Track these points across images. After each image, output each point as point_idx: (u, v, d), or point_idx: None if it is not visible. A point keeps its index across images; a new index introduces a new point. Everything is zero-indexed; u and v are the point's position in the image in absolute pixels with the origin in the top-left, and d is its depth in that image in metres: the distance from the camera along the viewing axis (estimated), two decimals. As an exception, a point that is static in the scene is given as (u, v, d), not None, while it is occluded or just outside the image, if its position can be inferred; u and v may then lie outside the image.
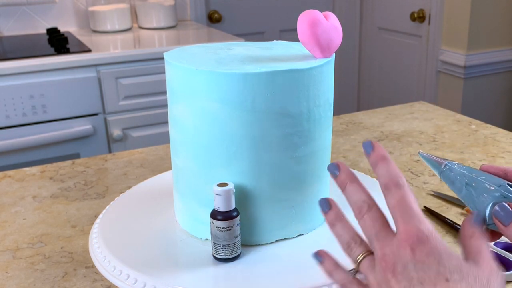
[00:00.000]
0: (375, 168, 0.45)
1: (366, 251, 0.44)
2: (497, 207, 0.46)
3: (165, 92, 0.68)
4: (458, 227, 0.78)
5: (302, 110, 0.60)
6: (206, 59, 0.62)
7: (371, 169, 1.03)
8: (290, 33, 2.73)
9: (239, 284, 0.57)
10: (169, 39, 2.13)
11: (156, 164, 1.04)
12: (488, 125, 1.22)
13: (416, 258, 0.40)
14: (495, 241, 0.50)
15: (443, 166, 0.53)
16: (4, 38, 2.10)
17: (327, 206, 0.46)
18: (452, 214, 0.84)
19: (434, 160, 0.55)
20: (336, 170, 0.46)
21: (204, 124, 0.59)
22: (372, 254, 0.44)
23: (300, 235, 0.64)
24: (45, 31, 2.11)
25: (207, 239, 0.63)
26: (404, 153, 1.08)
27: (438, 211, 0.84)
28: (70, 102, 1.78)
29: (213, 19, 2.60)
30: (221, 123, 0.58)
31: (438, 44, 2.42)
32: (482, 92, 2.36)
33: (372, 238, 0.43)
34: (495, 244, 0.72)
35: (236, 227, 0.59)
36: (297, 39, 0.64)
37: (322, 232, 0.66)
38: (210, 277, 0.59)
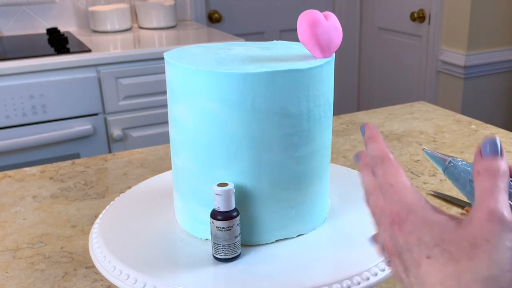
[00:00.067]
0: (366, 150, 0.45)
1: None
2: None
3: (165, 92, 0.68)
4: (458, 227, 0.78)
5: (302, 110, 0.60)
6: (206, 59, 0.62)
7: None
8: (290, 33, 2.73)
9: (239, 284, 0.57)
10: (169, 39, 2.13)
11: (156, 164, 1.04)
12: (488, 125, 1.22)
13: (403, 239, 0.38)
14: None
15: (447, 163, 0.54)
16: (4, 38, 2.10)
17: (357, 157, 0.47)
18: (452, 214, 0.84)
19: (438, 156, 0.55)
20: (363, 130, 0.46)
21: (204, 124, 0.59)
22: None
23: (300, 235, 0.64)
24: (45, 31, 2.11)
25: (207, 239, 0.63)
26: (404, 153, 1.07)
27: (438, 211, 0.84)
28: (70, 102, 1.78)
29: (213, 19, 2.60)
30: (221, 123, 0.58)
31: (438, 44, 2.42)
32: (482, 92, 2.37)
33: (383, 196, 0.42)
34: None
35: (236, 227, 0.59)
36: (297, 39, 0.64)
37: (322, 232, 0.66)
38: (210, 277, 0.59)
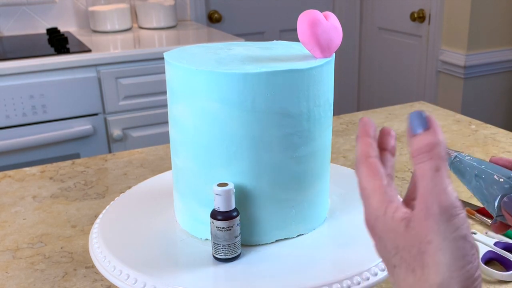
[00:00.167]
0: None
1: None
2: (506, 199, 0.46)
3: (165, 92, 0.68)
4: (458, 227, 0.78)
5: (302, 110, 0.60)
6: (206, 59, 0.62)
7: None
8: (290, 33, 2.73)
9: (239, 284, 0.57)
10: (169, 39, 2.13)
11: (156, 164, 1.04)
12: (488, 125, 1.22)
13: (376, 247, 0.38)
14: (504, 232, 0.50)
15: (453, 158, 0.54)
16: (4, 38, 2.10)
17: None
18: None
19: None
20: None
21: (204, 124, 0.59)
22: None
23: (300, 235, 0.64)
24: (45, 31, 2.11)
25: (207, 239, 0.63)
26: (404, 153, 1.08)
27: (438, 211, 0.83)
28: (70, 102, 1.78)
29: (213, 19, 2.60)
30: (221, 123, 0.58)
31: (438, 44, 2.42)
32: (482, 92, 2.37)
33: None
34: (495, 244, 0.72)
35: (236, 227, 0.59)
36: (297, 39, 0.64)
37: (322, 232, 0.66)
38: (210, 277, 0.59)
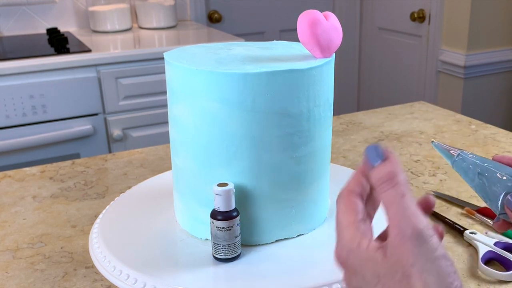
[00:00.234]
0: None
1: None
2: (509, 197, 0.46)
3: (165, 92, 0.68)
4: (458, 227, 0.78)
5: (302, 110, 0.60)
6: (206, 59, 0.62)
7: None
8: (290, 33, 2.73)
9: (239, 284, 0.57)
10: (169, 39, 2.13)
11: (156, 164, 1.04)
12: (488, 125, 1.22)
13: (352, 281, 0.38)
14: (506, 230, 0.50)
15: (456, 156, 0.54)
16: (4, 38, 2.10)
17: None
18: (452, 214, 0.84)
19: (447, 149, 0.55)
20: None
21: (204, 124, 0.59)
22: None
23: (300, 235, 0.64)
24: (45, 31, 2.11)
25: (207, 239, 0.63)
26: (404, 153, 1.07)
27: (438, 211, 0.84)
28: (70, 102, 1.78)
29: (213, 19, 2.60)
30: (221, 123, 0.58)
31: (438, 44, 2.42)
32: (482, 92, 2.36)
33: None
34: (495, 244, 0.72)
35: (236, 227, 0.59)
36: (297, 39, 0.64)
37: (322, 232, 0.66)
38: (210, 277, 0.59)
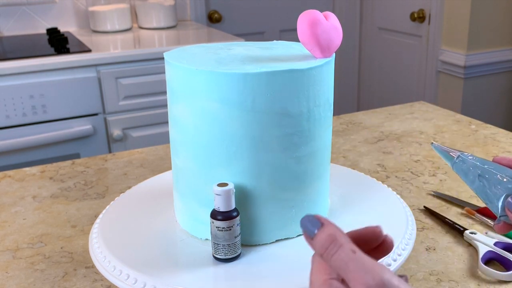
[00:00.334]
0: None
1: None
2: (510, 199, 0.46)
3: (165, 92, 0.68)
4: (458, 227, 0.78)
5: (302, 110, 0.60)
6: (206, 59, 0.62)
7: (371, 169, 1.03)
8: (290, 33, 2.73)
9: (239, 284, 0.57)
10: (169, 39, 2.13)
11: (156, 164, 1.04)
12: (488, 125, 1.22)
13: None
14: (507, 232, 0.49)
15: (456, 158, 0.53)
16: (4, 38, 2.10)
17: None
18: (452, 214, 0.84)
19: (447, 151, 0.55)
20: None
21: (204, 124, 0.59)
22: None
23: (300, 235, 0.64)
24: (45, 31, 2.11)
25: (207, 239, 0.63)
26: (404, 153, 1.07)
27: (438, 211, 0.84)
28: (70, 102, 1.78)
29: (213, 19, 2.60)
30: (221, 123, 0.58)
31: (438, 44, 2.42)
32: (482, 92, 2.36)
33: None
34: (495, 244, 0.72)
35: (236, 227, 0.59)
36: (297, 39, 0.64)
37: (322, 232, 0.66)
38: (210, 277, 0.59)
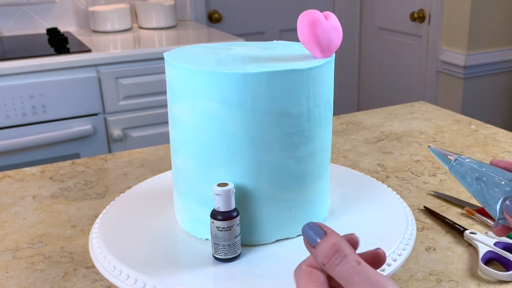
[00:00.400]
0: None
1: None
2: (508, 202, 0.45)
3: (165, 92, 0.68)
4: (458, 227, 0.78)
5: (302, 110, 0.60)
6: (206, 59, 0.62)
7: (371, 169, 1.03)
8: (290, 33, 2.73)
9: (239, 284, 0.57)
10: (169, 39, 2.13)
11: (156, 164, 1.04)
12: (488, 125, 1.22)
13: None
14: (506, 235, 0.49)
15: (453, 161, 0.53)
16: (4, 38, 2.10)
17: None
18: (452, 214, 0.84)
19: (444, 154, 0.54)
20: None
21: (204, 124, 0.59)
22: None
23: (300, 235, 0.64)
24: (45, 31, 2.11)
25: (207, 239, 0.63)
26: (404, 153, 1.07)
27: (438, 211, 0.84)
28: (70, 102, 1.78)
29: (213, 19, 2.60)
30: (221, 123, 0.58)
31: (438, 44, 2.42)
32: (482, 92, 2.37)
33: None
34: (495, 244, 0.72)
35: (236, 227, 0.59)
36: (297, 39, 0.64)
37: (322, 232, 0.66)
38: (210, 277, 0.58)
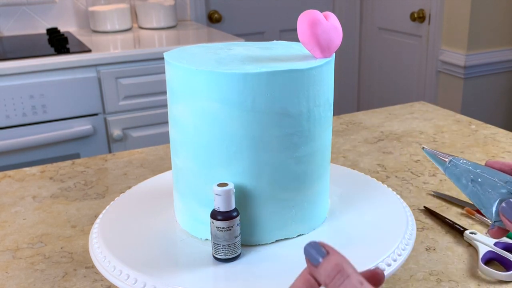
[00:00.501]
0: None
1: None
2: (504, 204, 0.45)
3: (165, 92, 0.68)
4: (458, 227, 0.78)
5: (302, 110, 0.60)
6: (206, 59, 0.62)
7: (371, 169, 1.03)
8: (290, 33, 2.73)
9: (239, 284, 0.57)
10: (169, 39, 2.13)
11: (156, 164, 1.04)
12: (488, 125, 1.22)
13: None
14: (501, 237, 0.49)
15: (448, 162, 0.52)
16: (4, 38, 2.10)
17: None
18: (452, 214, 0.84)
19: (438, 156, 0.53)
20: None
21: (204, 124, 0.59)
22: None
23: (300, 235, 0.64)
24: (45, 31, 2.11)
25: (207, 239, 0.63)
26: (404, 153, 1.07)
27: (438, 211, 0.84)
28: (70, 102, 1.78)
29: (213, 19, 2.60)
30: (221, 123, 0.58)
31: (438, 44, 2.42)
32: (482, 92, 2.37)
33: None
34: (495, 244, 0.72)
35: (236, 227, 0.59)
36: (297, 39, 0.64)
37: (322, 232, 0.66)
38: (210, 277, 0.58)
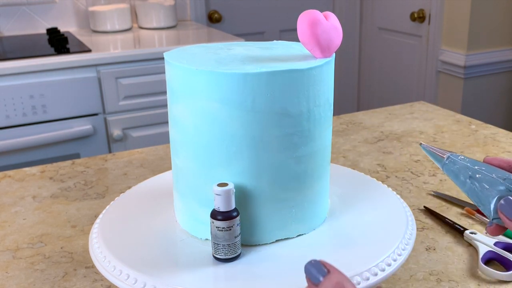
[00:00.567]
0: None
1: None
2: (502, 201, 0.45)
3: (165, 92, 0.68)
4: (458, 227, 0.78)
5: (302, 110, 0.60)
6: (206, 59, 0.62)
7: (371, 169, 1.03)
8: (290, 33, 2.73)
9: (239, 284, 0.57)
10: (169, 39, 2.13)
11: (156, 164, 1.04)
12: (488, 125, 1.22)
13: None
14: (500, 234, 0.49)
15: (445, 159, 0.51)
16: (4, 38, 2.10)
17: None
18: (452, 214, 0.84)
19: (436, 152, 0.53)
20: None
21: (204, 124, 0.59)
22: None
23: (300, 235, 0.64)
24: (45, 31, 2.11)
25: (207, 239, 0.63)
26: (404, 153, 1.07)
27: (438, 211, 0.84)
28: (70, 102, 1.78)
29: (213, 19, 2.61)
30: (221, 123, 0.58)
31: (438, 44, 2.42)
32: (482, 92, 2.37)
33: None
34: (495, 244, 0.72)
35: (236, 227, 0.59)
36: (297, 39, 0.64)
37: (322, 232, 0.66)
38: (210, 277, 0.58)
